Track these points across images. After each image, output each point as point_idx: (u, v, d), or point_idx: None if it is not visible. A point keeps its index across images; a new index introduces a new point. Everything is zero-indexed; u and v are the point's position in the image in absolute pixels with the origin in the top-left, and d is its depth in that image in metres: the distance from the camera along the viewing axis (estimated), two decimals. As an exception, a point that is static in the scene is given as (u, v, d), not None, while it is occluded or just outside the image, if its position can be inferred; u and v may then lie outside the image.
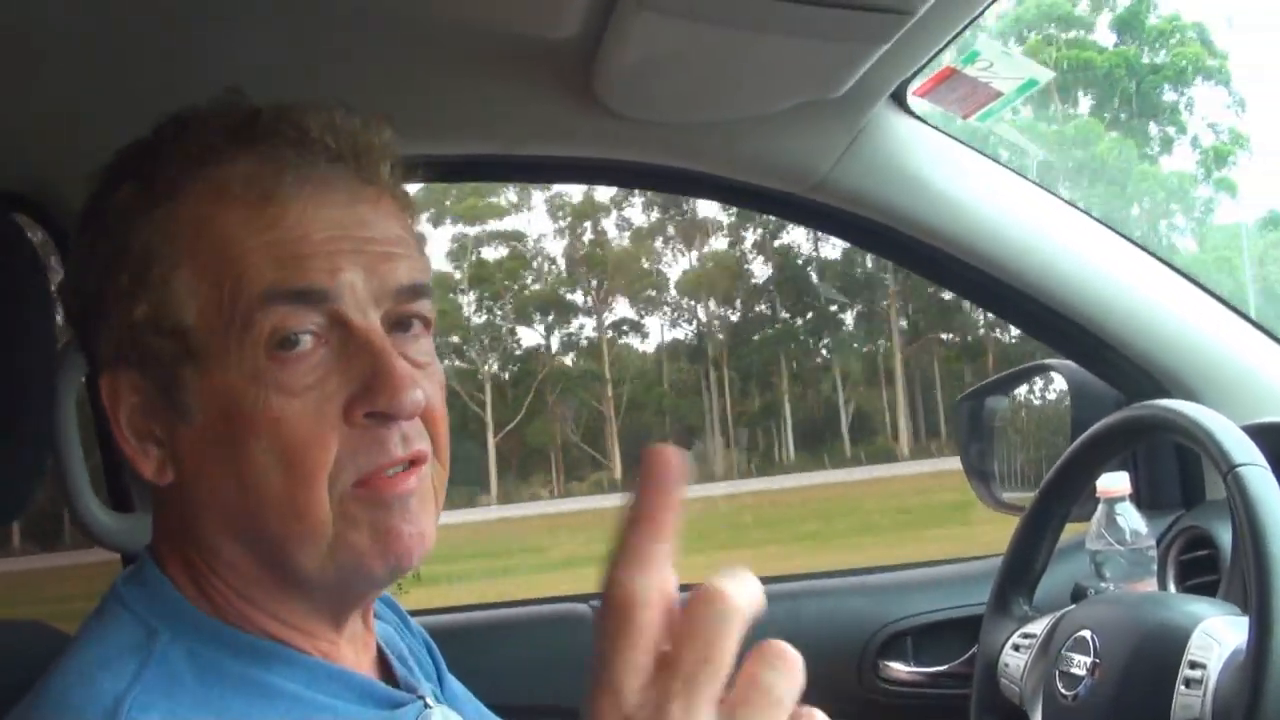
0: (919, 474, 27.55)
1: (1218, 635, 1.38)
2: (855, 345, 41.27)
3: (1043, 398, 2.29)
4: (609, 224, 42.07)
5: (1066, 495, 1.73)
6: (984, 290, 2.10)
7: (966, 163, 2.01)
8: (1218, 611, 1.44)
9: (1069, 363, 2.18)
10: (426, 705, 1.19)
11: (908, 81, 1.85)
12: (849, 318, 42.39)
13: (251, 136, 1.09)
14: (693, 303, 41.93)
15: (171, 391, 1.06)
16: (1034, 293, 2.04)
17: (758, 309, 41.88)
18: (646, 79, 1.68)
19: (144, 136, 1.13)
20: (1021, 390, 2.34)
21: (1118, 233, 2.07)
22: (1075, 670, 1.51)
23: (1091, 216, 2.06)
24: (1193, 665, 1.37)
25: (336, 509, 1.04)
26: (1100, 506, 1.74)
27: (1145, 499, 2.07)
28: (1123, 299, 2.04)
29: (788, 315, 41.27)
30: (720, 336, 40.98)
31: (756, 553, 17.25)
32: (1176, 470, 2.14)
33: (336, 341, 1.05)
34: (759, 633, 2.06)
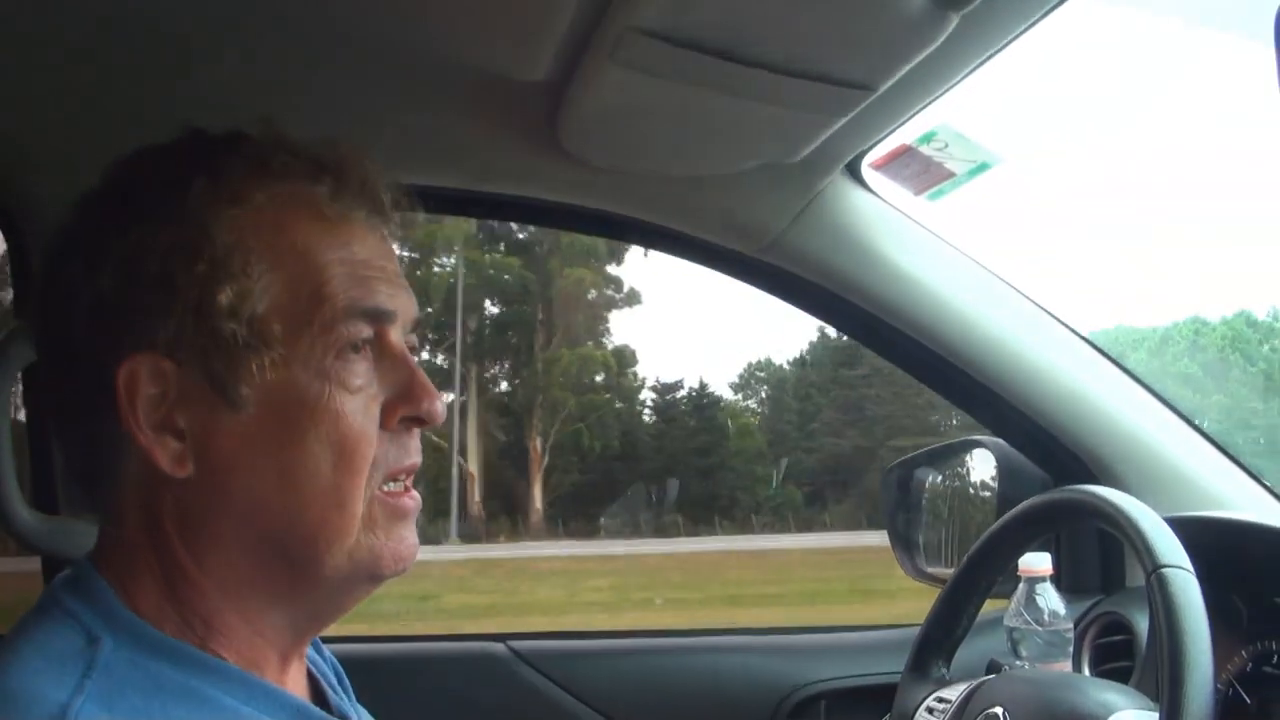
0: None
1: None
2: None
3: (972, 474, 2.31)
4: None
5: (990, 568, 1.74)
6: (922, 363, 2.13)
7: (915, 237, 2.05)
8: (1130, 705, 1.44)
9: (999, 441, 2.20)
10: None
11: (864, 154, 1.89)
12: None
13: (334, 167, 1.16)
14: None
15: (225, 381, 1.08)
16: (971, 370, 2.08)
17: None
18: (609, 128, 1.70)
19: (182, 136, 1.17)
20: (951, 463, 2.37)
21: (1058, 320, 2.11)
22: (984, 746, 1.52)
23: (1034, 302, 2.10)
24: None
25: (365, 509, 1.12)
26: (1021, 585, 1.75)
27: (1066, 581, 2.09)
28: (1058, 383, 2.07)
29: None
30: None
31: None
32: (1098, 555, 2.17)
33: (374, 353, 1.14)
34: (679, 686, 2.06)
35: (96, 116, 1.70)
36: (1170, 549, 1.39)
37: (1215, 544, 1.60)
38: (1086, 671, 1.95)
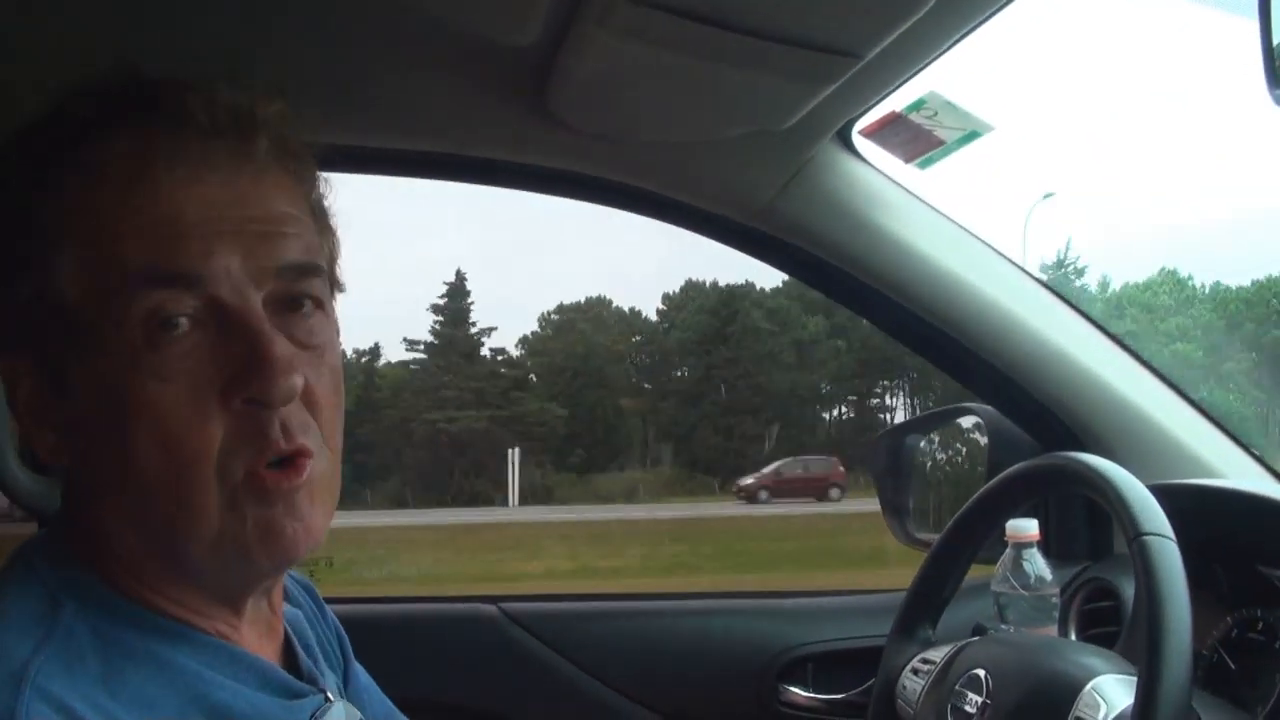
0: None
1: (1107, 694, 1.39)
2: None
3: (962, 440, 2.32)
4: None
5: (978, 530, 1.75)
6: (911, 331, 2.14)
7: (904, 205, 2.05)
8: (1111, 669, 1.45)
9: (989, 408, 2.21)
10: (327, 699, 1.19)
11: (853, 121, 1.89)
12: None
13: (128, 112, 1.06)
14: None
15: (58, 375, 1.05)
16: (960, 337, 2.08)
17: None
18: (598, 94, 1.70)
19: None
20: (941, 430, 2.37)
21: (1048, 287, 2.11)
22: (967, 707, 1.53)
23: (1023, 270, 2.10)
24: None
25: (226, 500, 1.03)
26: (1008, 550, 1.76)
27: (1053, 547, 2.10)
28: (1047, 351, 2.08)
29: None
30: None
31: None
32: (1085, 521, 2.18)
33: (215, 325, 1.03)
34: (668, 648, 2.07)
35: (51, 65, 1.68)
36: (1152, 516, 1.40)
37: (1200, 512, 1.62)
38: (1073, 636, 1.96)
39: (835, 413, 39.23)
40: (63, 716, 0.93)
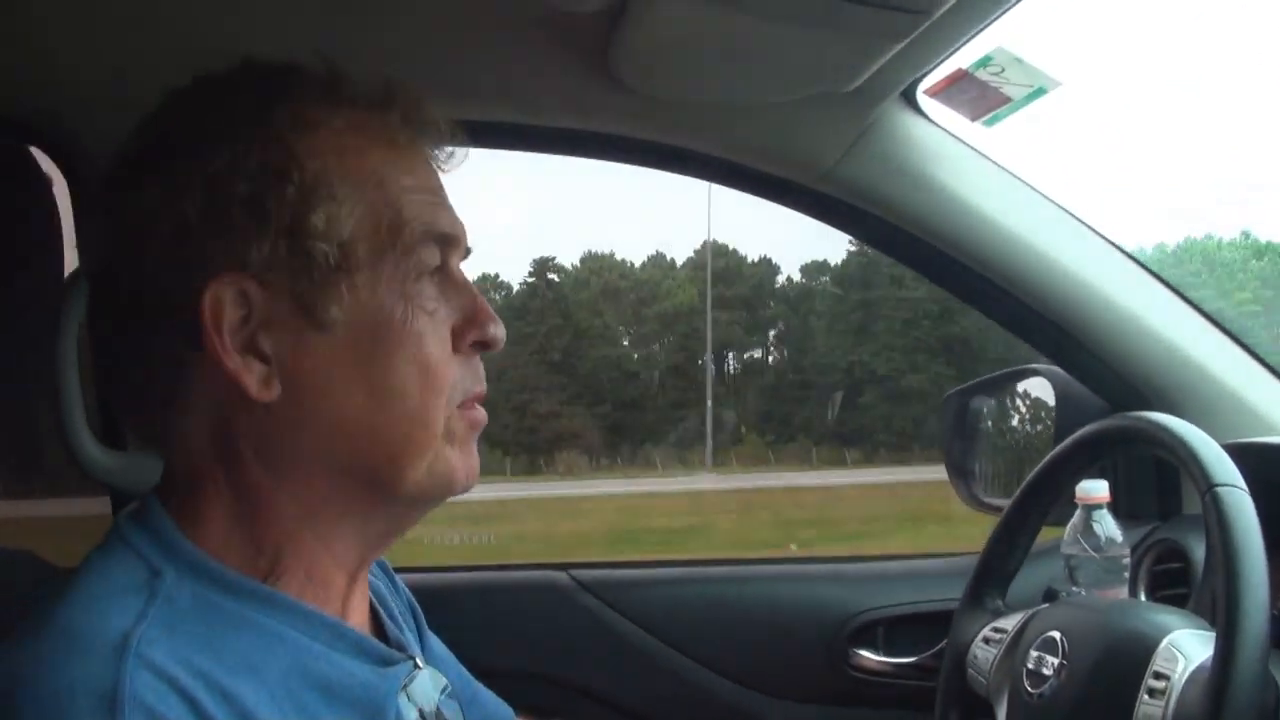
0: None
1: (1184, 648, 1.39)
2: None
3: (1028, 401, 2.31)
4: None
5: (1046, 496, 1.75)
6: (978, 291, 2.12)
7: (970, 165, 2.03)
8: (1186, 625, 1.44)
9: (1056, 368, 2.20)
10: (416, 666, 1.22)
11: (919, 80, 1.87)
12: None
13: (395, 94, 1.19)
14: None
15: (314, 303, 1.09)
16: (1027, 297, 2.07)
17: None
18: (663, 57, 1.69)
19: (248, 67, 1.18)
20: (1008, 392, 2.36)
21: (1115, 246, 2.09)
22: (1042, 670, 1.53)
23: (1090, 227, 2.08)
24: (1157, 676, 1.38)
25: (447, 428, 1.16)
26: (1078, 512, 1.76)
27: (1122, 508, 2.08)
28: (1115, 310, 2.06)
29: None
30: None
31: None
32: (1155, 482, 2.16)
33: (440, 278, 1.17)
34: (736, 613, 2.08)
35: (144, 47, 1.71)
36: (1225, 469, 1.39)
37: (1273, 470, 1.60)
38: (1142, 598, 1.95)
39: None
40: (166, 685, 0.95)
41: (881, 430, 27.96)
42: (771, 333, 32.15)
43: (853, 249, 29.37)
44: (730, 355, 31.57)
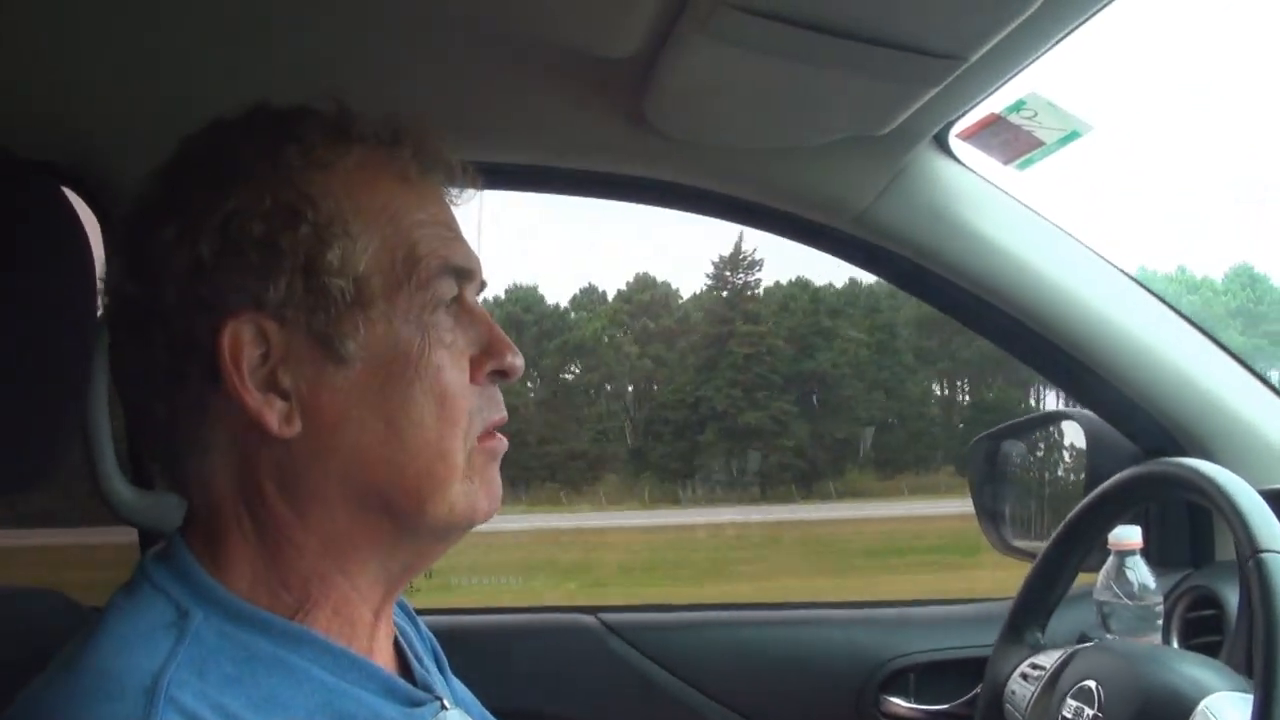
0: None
1: (1221, 713, 1.38)
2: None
3: (1059, 446, 2.30)
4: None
5: (1084, 540, 1.74)
6: (1010, 335, 2.11)
7: (1002, 208, 2.03)
8: (1225, 686, 1.42)
9: (1087, 412, 2.19)
10: (444, 707, 1.21)
11: (951, 124, 1.87)
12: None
13: (404, 134, 1.20)
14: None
15: (332, 338, 1.10)
16: (1059, 341, 2.06)
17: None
18: (697, 103, 1.70)
19: (252, 109, 1.19)
20: (1038, 436, 2.35)
21: (1147, 289, 2.08)
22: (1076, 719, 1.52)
23: (1122, 271, 2.07)
24: None
25: (465, 458, 1.15)
26: (1111, 558, 1.75)
27: (1154, 554, 2.06)
28: (1147, 354, 2.05)
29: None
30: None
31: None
32: (1188, 528, 2.14)
33: (456, 309, 1.18)
34: (766, 658, 2.06)
35: (175, 95, 1.72)
36: (1272, 533, 1.37)
37: None
38: (1175, 645, 1.93)
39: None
40: None
41: (719, 469, 27.63)
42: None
43: (710, 282, 29.24)
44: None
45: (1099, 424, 2.17)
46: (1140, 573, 1.74)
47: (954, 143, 1.94)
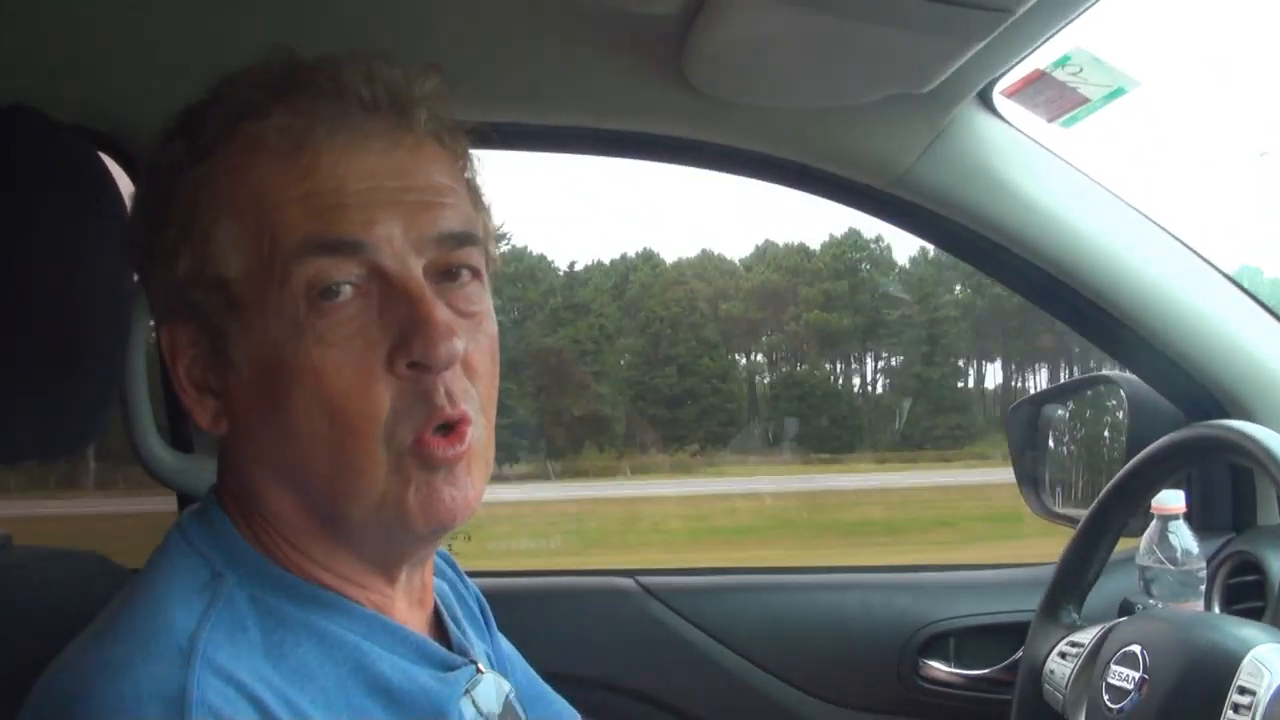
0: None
1: (1269, 663, 1.36)
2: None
3: (1100, 409, 2.27)
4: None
5: (1126, 507, 1.72)
6: (1052, 295, 2.10)
7: (1046, 166, 2.00)
8: (1269, 639, 1.41)
9: (1129, 375, 2.16)
10: (478, 670, 1.20)
11: (995, 81, 1.84)
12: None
13: (287, 90, 1.09)
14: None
15: (220, 344, 1.08)
16: (1102, 302, 2.04)
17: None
18: (737, 60, 1.68)
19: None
20: (1079, 400, 2.32)
21: (1193, 250, 2.05)
22: (1122, 684, 1.50)
23: (1168, 231, 2.04)
24: (1242, 691, 1.35)
25: (391, 465, 1.05)
26: (1154, 523, 1.73)
27: (1197, 519, 2.04)
28: (1191, 315, 2.02)
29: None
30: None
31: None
32: (1230, 492, 2.12)
33: (377, 292, 1.05)
34: (805, 621, 2.06)
35: (203, 56, 1.73)
36: None
37: None
38: (1218, 611, 1.91)
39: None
40: (232, 688, 0.95)
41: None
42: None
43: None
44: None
45: (1141, 387, 2.14)
46: (1183, 538, 1.72)
47: (998, 100, 1.91)
